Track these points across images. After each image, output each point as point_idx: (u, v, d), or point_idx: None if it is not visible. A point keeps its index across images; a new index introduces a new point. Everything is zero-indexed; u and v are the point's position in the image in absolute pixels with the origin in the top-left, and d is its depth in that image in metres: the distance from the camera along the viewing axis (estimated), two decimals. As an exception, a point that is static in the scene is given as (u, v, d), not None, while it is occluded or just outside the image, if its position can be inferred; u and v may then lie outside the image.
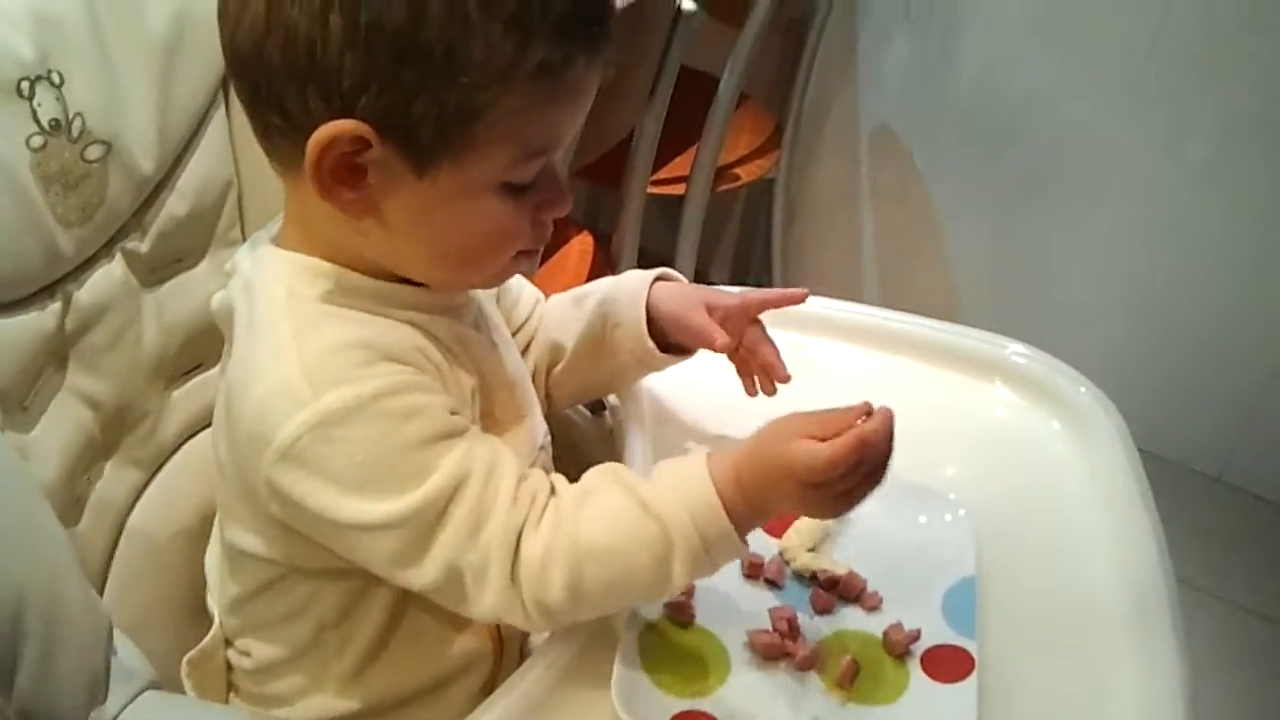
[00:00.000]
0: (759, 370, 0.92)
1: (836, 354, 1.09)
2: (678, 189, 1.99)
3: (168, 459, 0.96)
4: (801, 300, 0.92)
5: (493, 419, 0.83)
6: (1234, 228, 2.04)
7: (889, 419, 0.72)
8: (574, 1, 0.69)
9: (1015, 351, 1.08)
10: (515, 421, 0.85)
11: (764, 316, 0.92)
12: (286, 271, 0.76)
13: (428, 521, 0.70)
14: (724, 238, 2.46)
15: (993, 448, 1.01)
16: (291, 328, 0.73)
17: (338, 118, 0.68)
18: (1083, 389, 1.04)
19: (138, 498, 0.94)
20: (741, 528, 0.73)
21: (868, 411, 0.73)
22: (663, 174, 1.96)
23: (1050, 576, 0.90)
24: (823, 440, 0.71)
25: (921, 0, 2.17)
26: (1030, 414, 1.04)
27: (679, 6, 1.65)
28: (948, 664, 0.79)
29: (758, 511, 0.74)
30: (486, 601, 0.72)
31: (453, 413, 0.74)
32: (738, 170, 2.12)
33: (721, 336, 0.88)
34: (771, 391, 0.92)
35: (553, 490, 0.75)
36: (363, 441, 0.70)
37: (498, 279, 0.84)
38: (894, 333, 1.11)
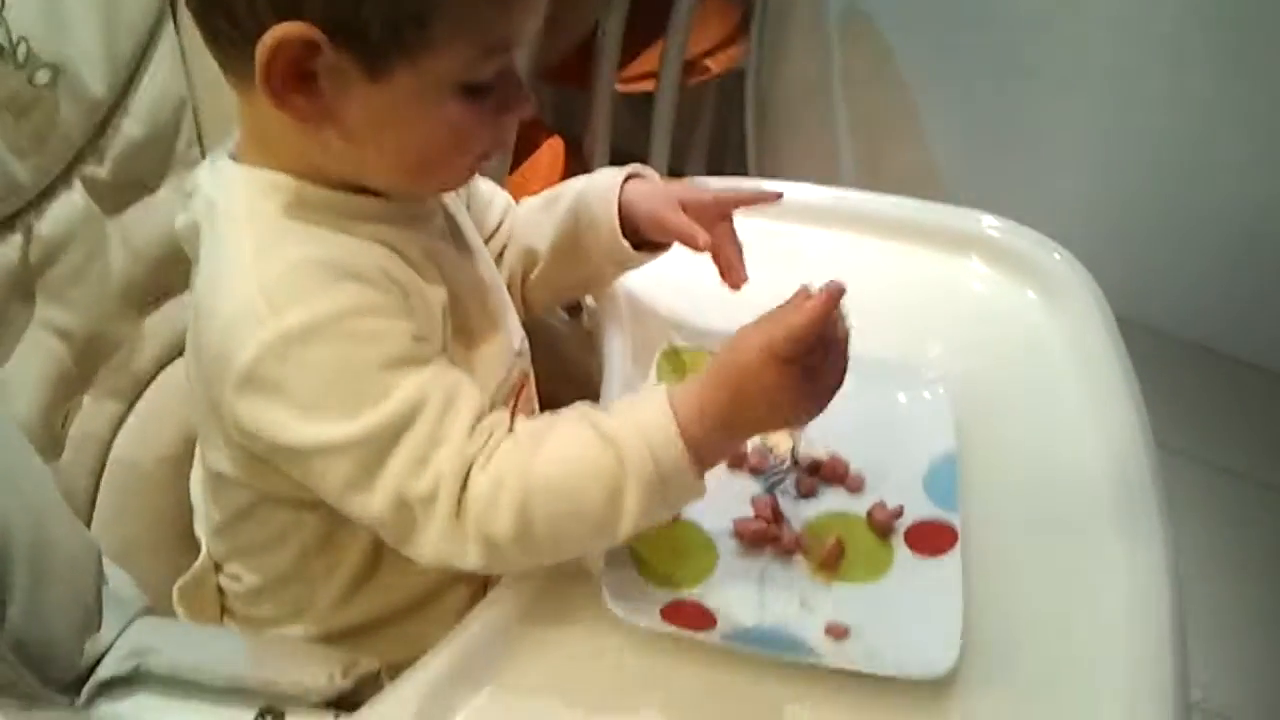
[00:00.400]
0: (722, 267, 0.91)
1: (810, 239, 1.08)
2: (647, 85, 1.96)
3: (146, 387, 0.95)
4: (775, 201, 0.92)
5: (467, 330, 0.81)
6: (1209, 103, 2.03)
7: (838, 289, 0.70)
8: None
9: (989, 224, 1.08)
10: (490, 330, 0.84)
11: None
12: (246, 188, 0.74)
13: (380, 446, 0.68)
14: (698, 132, 2.43)
15: (970, 322, 1.01)
16: (254, 245, 0.71)
17: (286, 20, 0.66)
18: (1057, 256, 1.04)
19: (119, 428, 0.93)
20: (703, 455, 0.70)
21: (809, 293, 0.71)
22: (631, 71, 1.93)
23: (1031, 447, 0.90)
24: None
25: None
26: (1007, 286, 1.04)
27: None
28: (931, 538, 0.80)
29: (725, 434, 0.72)
30: (431, 536, 0.69)
31: (416, 339, 0.71)
32: (708, 62, 2.09)
33: (704, 236, 0.87)
34: (736, 288, 0.90)
35: (511, 430, 0.72)
36: (320, 362, 0.68)
37: (458, 182, 0.82)
38: (866, 213, 1.11)
